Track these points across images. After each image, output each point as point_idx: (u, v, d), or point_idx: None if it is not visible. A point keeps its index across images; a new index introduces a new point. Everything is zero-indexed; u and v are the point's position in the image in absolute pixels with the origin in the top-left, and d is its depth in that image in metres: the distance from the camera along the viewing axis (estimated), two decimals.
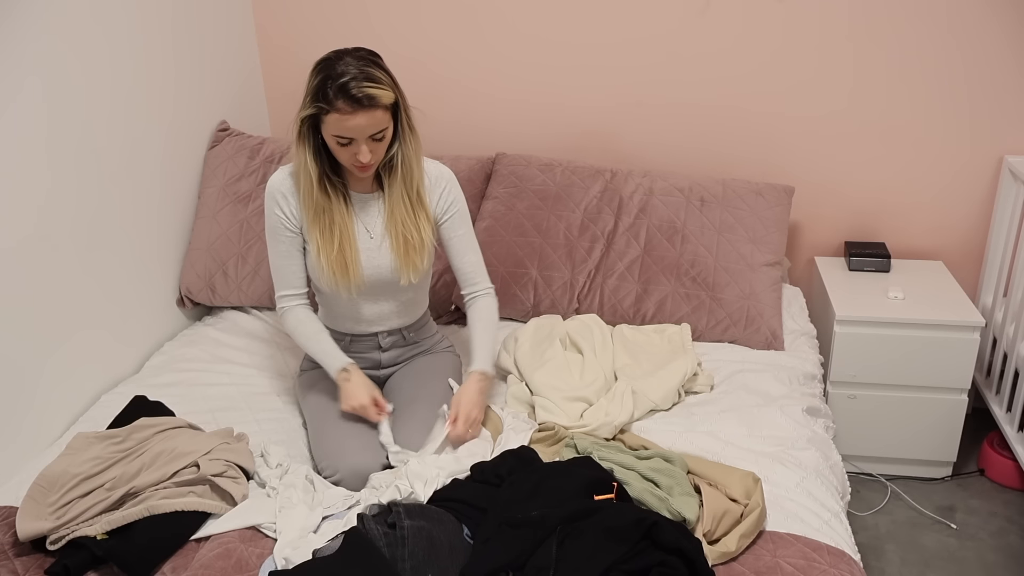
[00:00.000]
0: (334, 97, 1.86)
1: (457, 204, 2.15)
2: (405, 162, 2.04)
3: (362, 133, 1.90)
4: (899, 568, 2.43)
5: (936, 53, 2.72)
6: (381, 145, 1.96)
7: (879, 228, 2.95)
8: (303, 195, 2.03)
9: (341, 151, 1.95)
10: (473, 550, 1.61)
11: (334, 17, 2.95)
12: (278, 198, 2.06)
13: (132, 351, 2.45)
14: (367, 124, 1.89)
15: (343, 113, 1.87)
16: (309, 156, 1.98)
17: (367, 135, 1.91)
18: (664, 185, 2.68)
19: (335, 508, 1.80)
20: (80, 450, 1.89)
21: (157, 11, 2.50)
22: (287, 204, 2.06)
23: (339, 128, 1.90)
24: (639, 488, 1.75)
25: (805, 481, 1.92)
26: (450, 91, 2.96)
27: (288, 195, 2.06)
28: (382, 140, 1.95)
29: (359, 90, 1.86)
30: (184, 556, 1.71)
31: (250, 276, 2.62)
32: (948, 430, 2.67)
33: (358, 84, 1.86)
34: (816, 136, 2.87)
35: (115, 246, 2.37)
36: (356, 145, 1.92)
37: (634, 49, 2.85)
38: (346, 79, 1.86)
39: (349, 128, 1.89)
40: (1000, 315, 2.77)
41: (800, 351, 2.49)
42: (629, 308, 2.55)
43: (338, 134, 1.91)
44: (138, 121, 2.44)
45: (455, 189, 2.15)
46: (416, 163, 2.05)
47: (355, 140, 1.91)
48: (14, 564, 1.69)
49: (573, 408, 2.12)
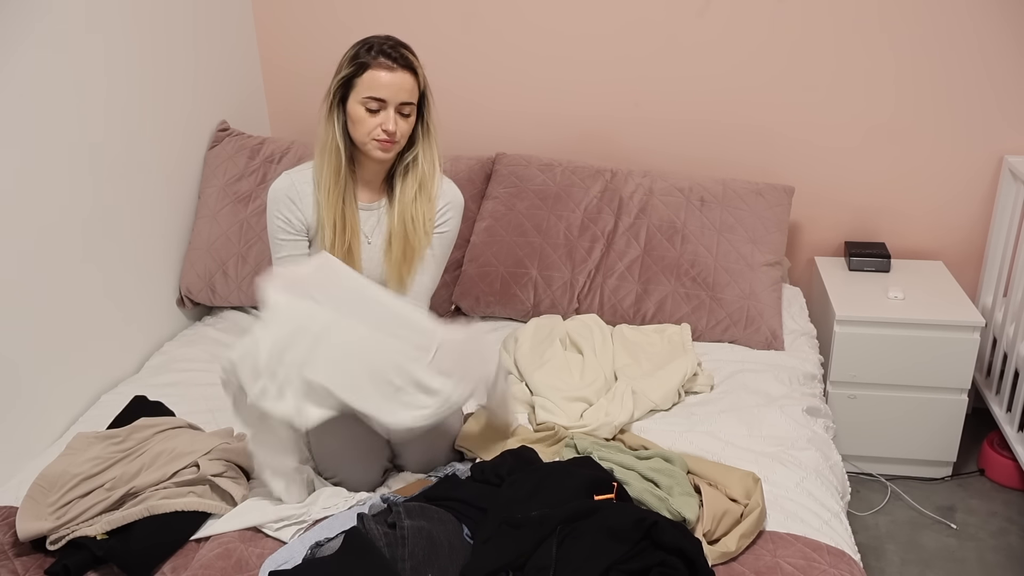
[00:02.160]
0: (375, 55, 1.93)
1: (447, 227, 2.12)
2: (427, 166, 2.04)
3: (395, 95, 1.93)
4: (899, 568, 2.43)
5: (936, 53, 2.72)
6: (405, 124, 1.97)
7: (879, 228, 2.95)
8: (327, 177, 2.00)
9: (368, 120, 1.94)
10: (473, 550, 1.61)
11: (334, 16, 2.95)
12: (283, 203, 2.04)
13: (132, 351, 2.45)
14: (402, 86, 1.93)
15: (382, 68, 1.92)
16: (338, 131, 1.99)
17: (399, 100, 1.93)
18: (664, 185, 2.68)
19: (335, 508, 1.80)
20: (80, 450, 1.89)
21: (157, 11, 2.50)
22: (294, 208, 2.04)
23: (374, 86, 1.92)
24: (639, 488, 1.75)
25: (805, 481, 1.92)
26: (450, 91, 2.94)
27: (296, 199, 2.04)
28: (408, 118, 1.97)
29: (397, 51, 1.94)
30: (184, 556, 1.71)
31: (250, 276, 2.62)
32: (948, 430, 2.67)
33: (396, 46, 1.95)
34: (816, 136, 2.87)
35: (115, 246, 2.37)
36: (386, 112, 1.93)
37: (634, 49, 2.85)
38: (386, 43, 1.95)
39: (385, 85, 1.92)
40: (1000, 315, 2.77)
41: (800, 351, 2.49)
42: (629, 308, 2.55)
43: (372, 94, 1.93)
44: (138, 121, 2.44)
45: (455, 215, 2.13)
46: (438, 169, 2.06)
47: (386, 106, 1.93)
48: (14, 564, 1.69)
49: (573, 408, 2.12)
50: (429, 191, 2.06)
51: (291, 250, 2.08)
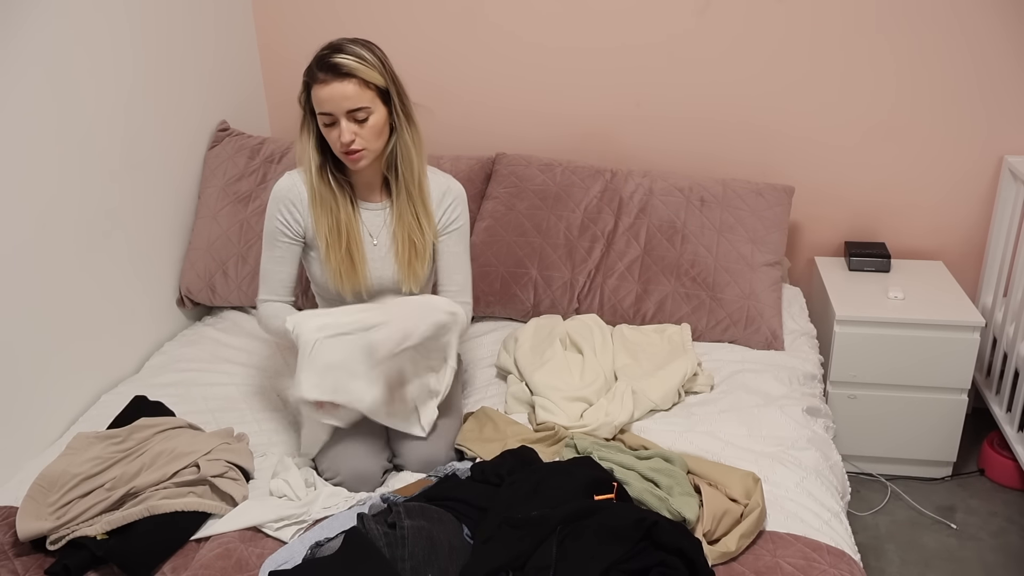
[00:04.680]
0: (315, 68, 1.91)
1: (459, 222, 2.13)
2: (405, 158, 2.02)
3: (338, 106, 1.90)
4: (899, 568, 2.43)
5: (936, 53, 2.72)
6: (368, 130, 1.94)
7: (879, 228, 2.95)
8: (308, 188, 2.02)
9: (329, 135, 1.95)
10: (473, 550, 1.61)
11: (334, 17, 2.95)
12: (283, 205, 2.05)
13: (132, 351, 2.45)
14: (342, 96, 1.89)
15: (318, 82, 1.90)
16: (311, 145, 1.99)
17: (344, 109, 1.90)
18: (664, 185, 2.68)
19: (335, 508, 1.80)
20: (80, 450, 1.89)
21: (157, 11, 2.50)
22: (293, 211, 2.05)
23: (319, 101, 1.91)
24: (639, 488, 1.75)
25: (805, 481, 1.92)
26: (450, 91, 2.96)
27: (296, 202, 2.04)
28: (367, 122, 1.93)
29: (333, 58, 1.89)
30: (184, 556, 1.71)
31: (250, 276, 2.62)
32: (948, 430, 2.67)
33: (333, 54, 1.90)
34: (816, 136, 2.87)
35: (115, 246, 2.37)
36: (339, 126, 1.92)
37: (634, 49, 2.85)
38: (326, 52, 1.91)
39: (325, 100, 1.90)
40: (1000, 315, 2.77)
41: (800, 351, 2.49)
42: (629, 308, 2.55)
43: (320, 109, 1.92)
44: (138, 121, 2.44)
45: (461, 207, 2.14)
46: (416, 160, 2.03)
47: (336, 119, 1.91)
48: (14, 564, 1.69)
49: (573, 408, 2.12)
50: (415, 185, 2.05)
51: (285, 252, 2.08)
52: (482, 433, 2.05)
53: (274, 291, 2.10)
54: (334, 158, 2.02)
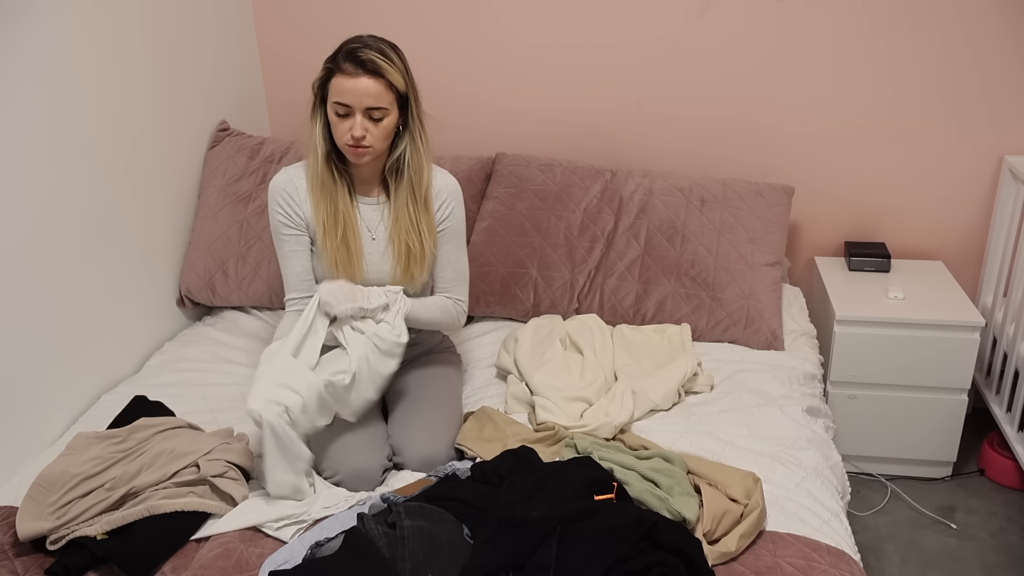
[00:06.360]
0: (342, 59, 1.93)
1: (453, 220, 2.13)
2: (414, 167, 2.04)
3: (359, 101, 1.91)
4: (899, 568, 2.43)
5: (936, 53, 2.72)
6: (380, 129, 1.96)
7: (879, 228, 2.95)
8: (310, 173, 2.03)
9: (339, 125, 1.96)
10: (473, 550, 1.61)
11: (334, 17, 2.95)
12: (281, 197, 2.06)
13: (132, 351, 2.45)
14: (366, 92, 1.91)
15: (345, 74, 1.91)
16: (318, 130, 2.00)
17: (364, 105, 1.92)
18: (664, 185, 2.68)
19: (335, 508, 1.80)
20: (80, 450, 1.89)
21: (157, 11, 2.49)
22: (291, 202, 2.06)
23: (339, 91, 1.92)
24: (639, 488, 1.75)
25: (805, 481, 1.92)
26: (450, 91, 2.96)
27: (293, 193, 2.06)
28: (381, 122, 1.95)
29: (365, 54, 1.92)
30: (184, 556, 1.71)
31: (250, 276, 2.62)
32: (948, 430, 2.67)
33: (366, 50, 1.92)
34: (816, 136, 2.87)
35: (115, 246, 2.37)
36: (353, 118, 1.93)
37: (634, 49, 2.85)
38: (357, 45, 1.94)
39: (348, 91, 1.91)
40: (1000, 315, 2.77)
41: (800, 351, 2.49)
42: (629, 308, 2.55)
43: (338, 99, 1.93)
44: (138, 121, 2.44)
45: (456, 204, 2.14)
46: (426, 169, 2.05)
47: (352, 111, 1.93)
48: (14, 564, 1.69)
49: (573, 408, 2.12)
50: (421, 193, 2.06)
51: (294, 245, 2.08)
52: (482, 433, 2.05)
53: (293, 287, 2.11)
54: (337, 154, 2.04)
